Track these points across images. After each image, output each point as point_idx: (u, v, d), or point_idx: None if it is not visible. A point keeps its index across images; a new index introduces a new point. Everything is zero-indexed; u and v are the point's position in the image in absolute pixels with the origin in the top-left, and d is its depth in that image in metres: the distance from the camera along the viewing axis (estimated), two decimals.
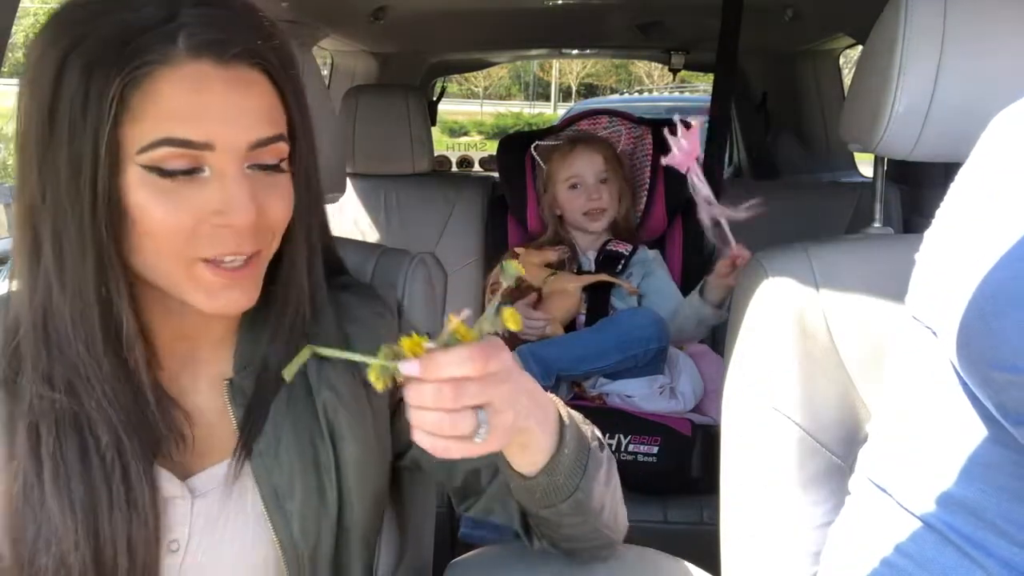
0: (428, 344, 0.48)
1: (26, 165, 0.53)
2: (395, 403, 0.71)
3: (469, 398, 0.47)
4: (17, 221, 0.55)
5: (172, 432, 0.60)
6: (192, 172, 0.53)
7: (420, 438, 0.48)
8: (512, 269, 0.52)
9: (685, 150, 1.29)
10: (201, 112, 0.52)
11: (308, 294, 0.64)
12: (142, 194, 0.52)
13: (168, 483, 0.60)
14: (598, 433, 0.68)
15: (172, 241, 0.54)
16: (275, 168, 0.57)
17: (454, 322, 0.48)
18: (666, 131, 1.31)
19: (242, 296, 0.58)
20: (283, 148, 0.58)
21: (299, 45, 0.63)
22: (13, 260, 0.57)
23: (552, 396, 0.63)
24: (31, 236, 0.54)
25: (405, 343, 0.48)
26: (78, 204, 0.52)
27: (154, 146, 0.51)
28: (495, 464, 0.70)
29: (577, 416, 0.66)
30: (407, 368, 0.47)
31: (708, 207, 1.32)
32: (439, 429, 0.48)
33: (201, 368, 0.65)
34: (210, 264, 0.55)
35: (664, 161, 1.32)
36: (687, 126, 1.24)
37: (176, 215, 0.53)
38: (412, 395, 0.48)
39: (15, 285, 0.57)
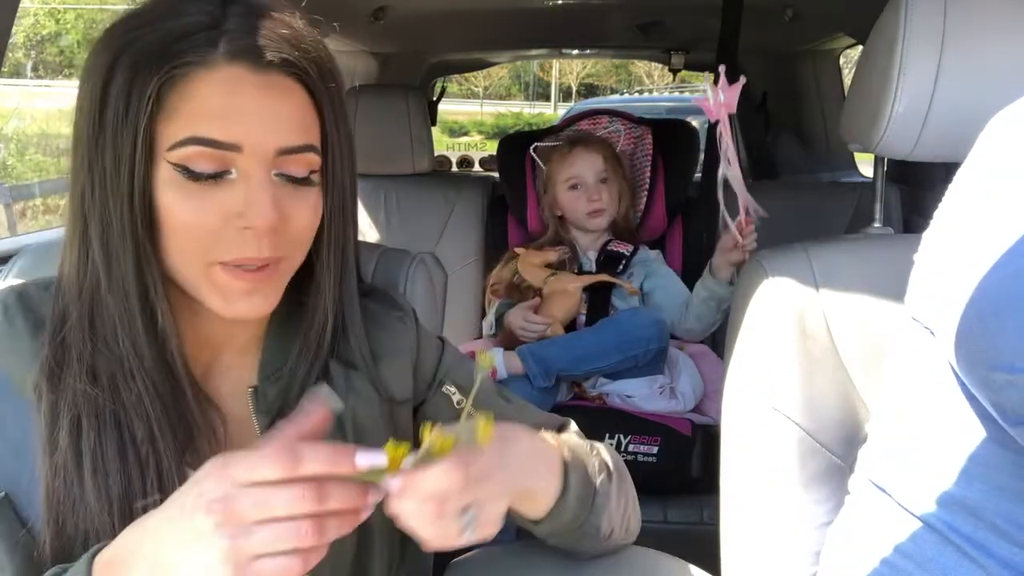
0: (407, 459, 0.47)
1: (78, 160, 0.55)
2: (414, 410, 0.73)
3: (451, 508, 0.48)
4: (69, 214, 0.57)
5: (205, 428, 0.60)
6: (218, 176, 0.54)
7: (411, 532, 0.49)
8: (486, 363, 0.52)
9: (721, 102, 1.28)
10: (231, 114, 0.53)
11: (337, 308, 0.65)
12: (169, 194, 0.54)
13: None
14: (607, 459, 0.68)
15: (194, 242, 0.55)
16: (303, 181, 0.58)
17: (430, 436, 0.48)
18: (710, 78, 1.31)
19: (262, 301, 0.58)
20: (313, 159, 0.58)
21: None
22: (64, 251, 0.58)
23: (551, 436, 0.63)
24: (81, 228, 0.56)
25: (388, 449, 0.47)
26: (119, 198, 0.53)
27: (183, 144, 0.53)
28: None
29: (581, 448, 0.66)
30: (391, 484, 0.47)
31: (727, 166, 1.31)
32: (426, 534, 0.48)
33: (224, 375, 0.65)
34: (228, 268, 0.56)
35: (694, 99, 1.32)
36: (731, 81, 1.22)
37: (199, 216, 0.54)
38: (395, 507, 0.48)
39: (66, 278, 0.58)
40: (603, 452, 0.70)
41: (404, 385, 0.70)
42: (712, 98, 1.28)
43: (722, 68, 1.28)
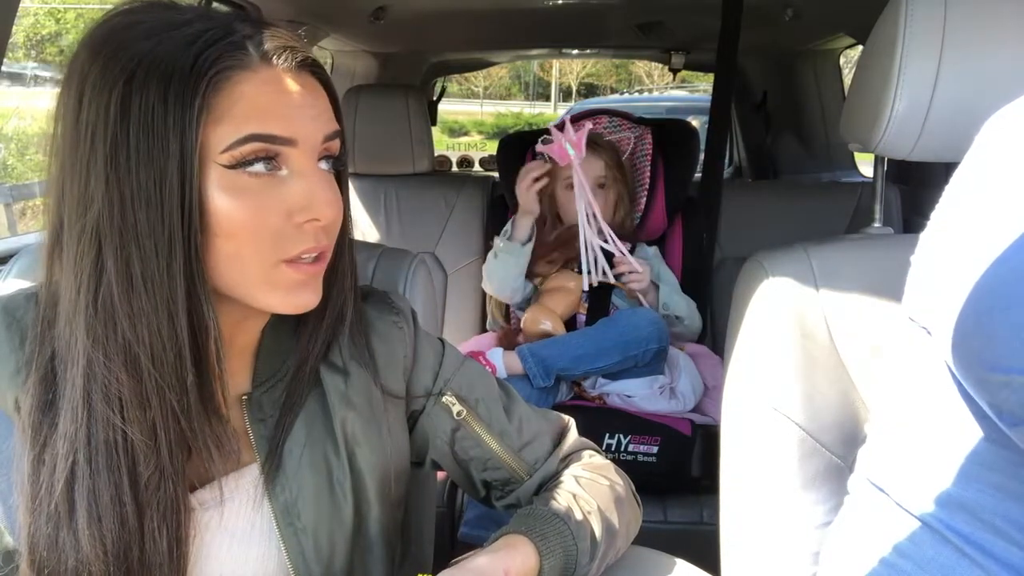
0: None
1: (93, 184, 0.51)
2: (412, 418, 0.72)
3: None
4: (76, 241, 0.53)
5: (217, 444, 0.59)
6: (272, 172, 0.55)
7: None
8: None
9: (569, 151, 1.49)
10: (284, 110, 0.54)
11: (352, 293, 0.66)
12: (225, 197, 0.52)
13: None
14: (594, 527, 0.65)
15: (257, 243, 0.54)
16: (337, 162, 0.60)
17: None
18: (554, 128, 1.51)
19: (312, 296, 0.59)
20: (338, 146, 0.60)
21: None
22: (61, 283, 0.54)
23: (519, 538, 0.61)
24: (93, 255, 0.52)
25: None
26: (163, 213, 0.51)
27: (241, 143, 0.52)
28: (507, 480, 0.73)
29: (557, 520, 0.63)
30: None
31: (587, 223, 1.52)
32: None
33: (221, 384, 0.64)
34: (291, 263, 0.56)
35: (541, 147, 1.53)
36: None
37: (260, 215, 0.54)
38: None
39: (65, 307, 0.54)
40: (588, 500, 0.67)
41: (397, 387, 0.70)
42: (564, 144, 1.47)
43: (567, 118, 1.49)
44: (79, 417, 0.54)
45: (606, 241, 1.59)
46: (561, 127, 1.56)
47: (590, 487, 0.69)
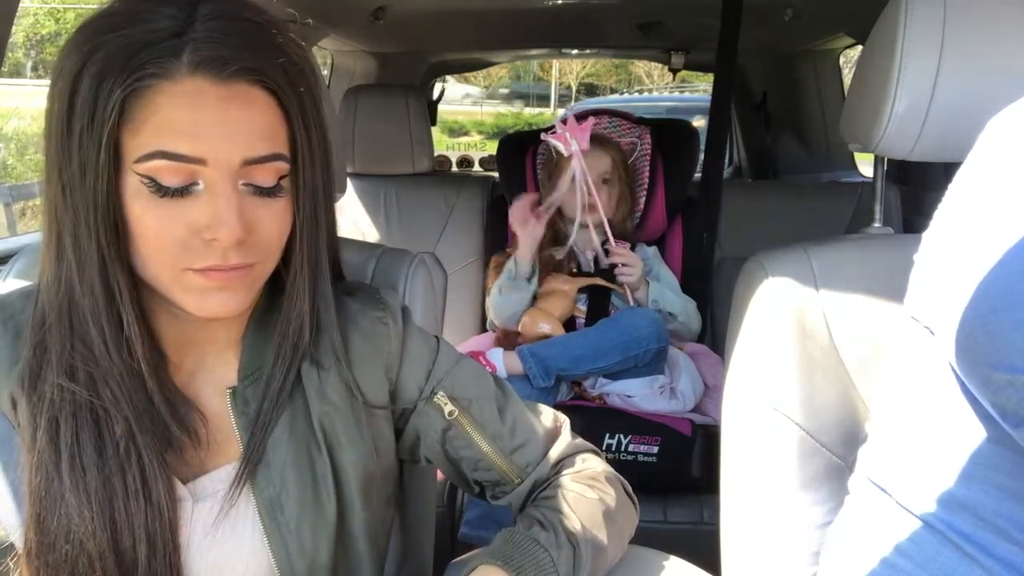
0: None
1: (50, 167, 0.55)
2: (403, 416, 0.72)
3: None
4: (45, 217, 0.57)
5: (186, 430, 0.60)
6: (185, 189, 0.54)
7: None
8: None
9: (573, 144, 1.51)
10: (195, 128, 0.53)
11: (310, 314, 0.65)
12: (138, 204, 0.54)
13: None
14: (578, 548, 0.64)
15: (163, 251, 0.55)
16: (271, 191, 0.57)
17: None
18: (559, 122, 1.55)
19: (232, 298, 0.58)
20: (281, 167, 0.58)
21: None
22: (43, 254, 0.58)
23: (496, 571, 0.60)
24: (56, 231, 0.56)
25: None
26: (86, 205, 0.53)
27: (149, 157, 0.53)
28: (497, 482, 0.72)
29: (536, 547, 0.62)
30: None
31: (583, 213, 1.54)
32: None
33: (208, 375, 0.65)
34: (198, 271, 0.56)
35: (547, 136, 1.55)
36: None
37: (167, 227, 0.54)
38: None
39: (44, 278, 0.58)
40: (572, 518, 0.65)
41: (379, 390, 0.69)
42: (567, 137, 1.49)
43: (571, 115, 1.52)
44: (57, 382, 0.57)
45: (605, 236, 1.59)
46: (565, 122, 1.57)
47: (577, 503, 0.67)
